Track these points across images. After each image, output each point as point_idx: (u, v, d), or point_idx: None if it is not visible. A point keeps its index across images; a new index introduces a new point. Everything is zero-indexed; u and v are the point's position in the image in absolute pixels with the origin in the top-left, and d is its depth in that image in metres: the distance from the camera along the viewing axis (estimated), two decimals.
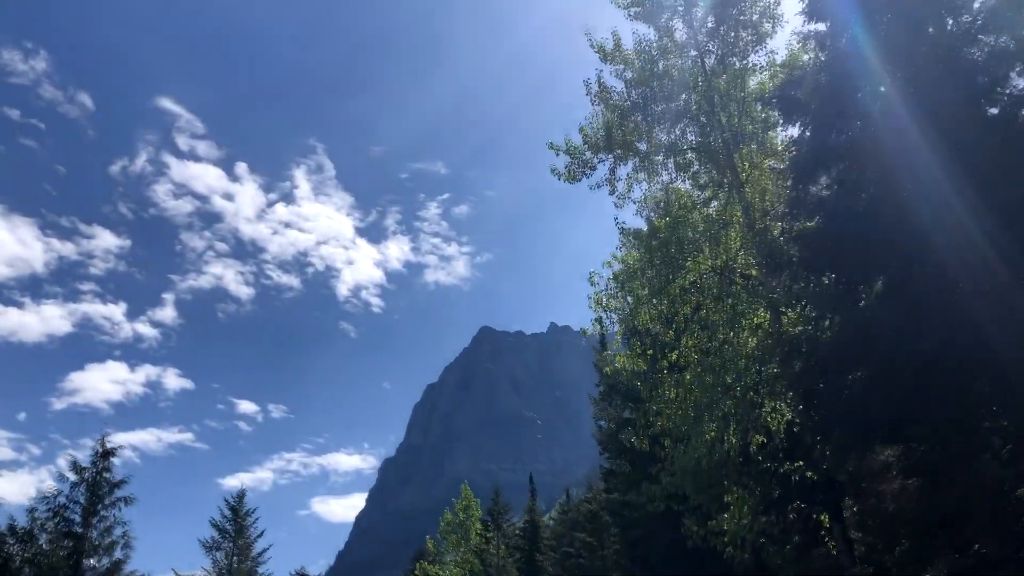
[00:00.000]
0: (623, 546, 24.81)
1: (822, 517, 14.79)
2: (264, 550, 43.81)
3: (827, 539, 14.79)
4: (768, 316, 16.02)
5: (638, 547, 22.97)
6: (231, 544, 42.47)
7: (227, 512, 43.15)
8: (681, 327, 16.71)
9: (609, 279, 16.74)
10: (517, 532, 46.84)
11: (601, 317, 16.36)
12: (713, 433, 15.61)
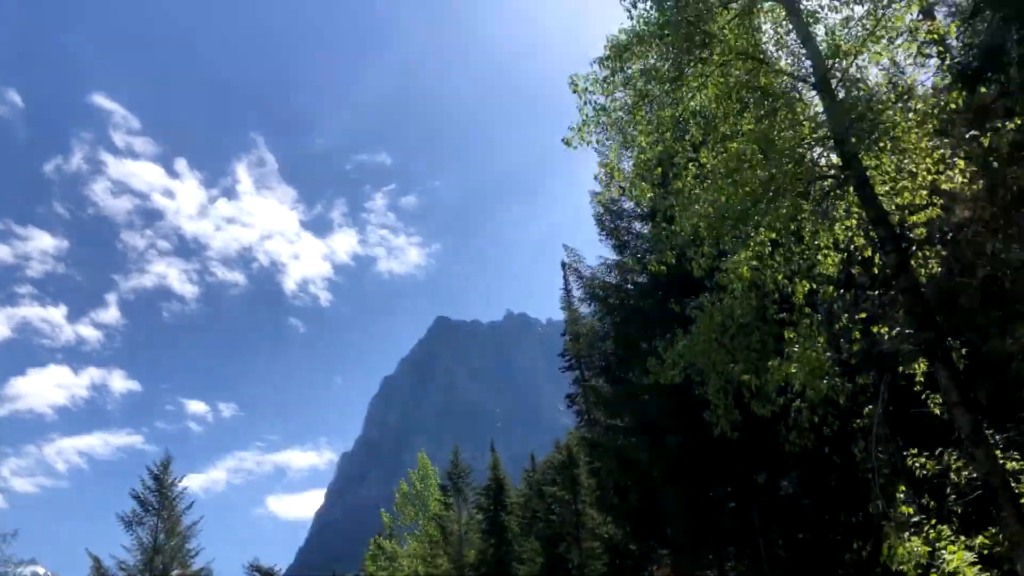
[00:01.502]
0: (612, 476, 20.38)
1: (916, 365, 10.44)
2: (195, 523, 38.57)
3: (926, 396, 10.52)
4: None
5: (630, 471, 18.48)
6: (155, 518, 37.14)
7: (150, 482, 37.81)
8: (699, 139, 12.23)
9: (594, 77, 12.01)
10: (479, 492, 42.24)
11: (586, 120, 11.62)
12: (750, 264, 11.22)
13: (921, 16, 10.92)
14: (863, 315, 12.11)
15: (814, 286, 12.28)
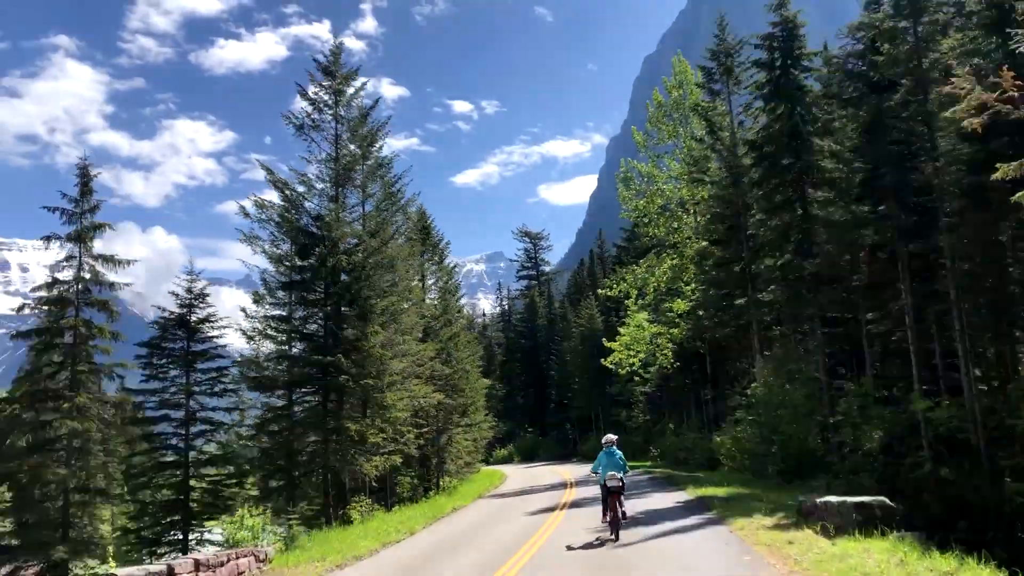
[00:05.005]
0: None
1: None
2: (384, 122, 30.25)
3: None
4: None
5: None
6: (332, 121, 29.12)
7: (319, 76, 29.32)
8: None
9: None
10: (759, 44, 28.67)
11: None
12: None
13: None
14: None
15: None
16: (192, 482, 24.46)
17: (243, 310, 27.15)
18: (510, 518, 21.78)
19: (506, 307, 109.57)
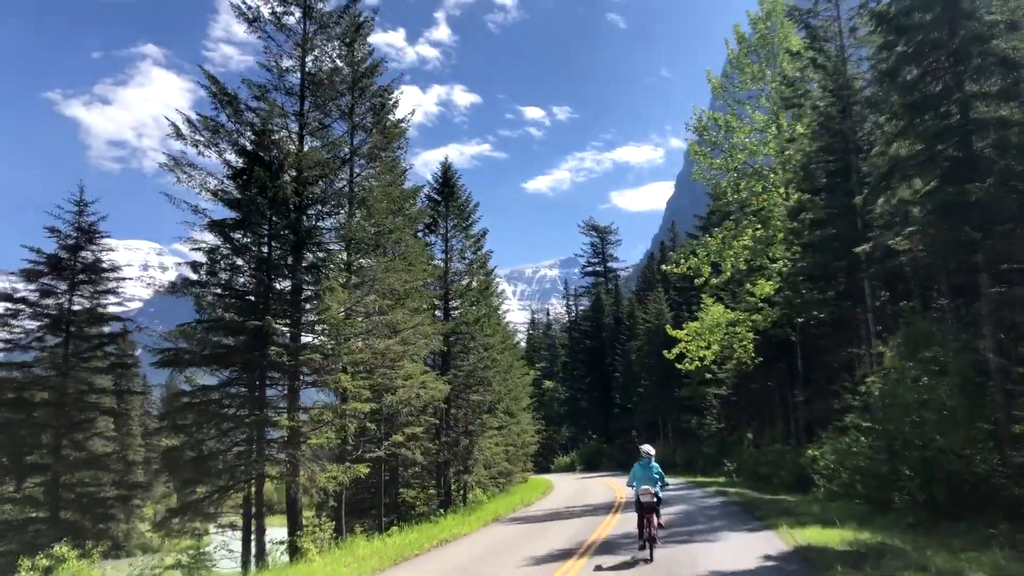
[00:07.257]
0: None
1: None
2: (369, 18, 23.08)
3: None
4: None
5: None
6: (298, 7, 21.97)
7: None
8: None
9: None
10: None
11: None
12: None
13: None
14: None
15: None
16: (62, 492, 17.30)
17: (193, 265, 20.08)
18: (496, 571, 13.85)
19: (572, 307, 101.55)
